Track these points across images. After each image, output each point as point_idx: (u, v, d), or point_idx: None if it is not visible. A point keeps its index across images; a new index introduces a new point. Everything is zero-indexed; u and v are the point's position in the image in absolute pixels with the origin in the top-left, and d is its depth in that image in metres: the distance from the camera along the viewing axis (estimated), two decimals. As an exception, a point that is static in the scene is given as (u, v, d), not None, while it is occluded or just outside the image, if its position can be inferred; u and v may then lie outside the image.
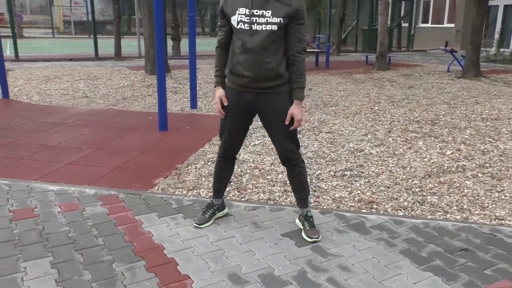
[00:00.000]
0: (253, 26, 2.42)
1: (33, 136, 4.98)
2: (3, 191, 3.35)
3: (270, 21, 2.40)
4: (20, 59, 13.99)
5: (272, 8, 2.39)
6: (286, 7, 2.39)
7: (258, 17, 2.41)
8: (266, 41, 2.41)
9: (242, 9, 2.43)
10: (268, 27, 2.40)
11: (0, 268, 2.32)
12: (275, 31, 2.41)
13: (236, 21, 2.45)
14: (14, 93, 7.71)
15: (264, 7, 2.40)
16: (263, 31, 2.41)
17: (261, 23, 2.41)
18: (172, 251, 2.54)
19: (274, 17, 2.39)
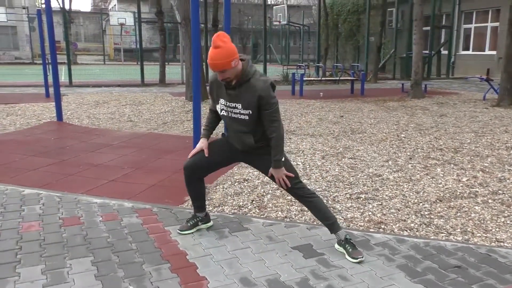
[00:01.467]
0: (231, 114, 2.97)
1: (82, 155, 5.56)
2: (55, 202, 3.87)
3: (242, 112, 2.91)
4: (73, 84, 15.10)
5: (242, 101, 2.88)
6: (254, 98, 2.84)
7: (233, 108, 2.93)
8: (243, 126, 2.95)
9: (222, 100, 2.99)
10: (241, 116, 2.92)
11: (51, 264, 2.78)
12: (247, 120, 2.91)
13: (219, 108, 3.03)
14: (67, 116, 8.48)
15: (236, 100, 2.91)
16: (238, 119, 2.94)
17: (236, 113, 2.93)
18: (193, 257, 2.93)
19: (244, 109, 2.89)
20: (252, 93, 2.84)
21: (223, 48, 2.75)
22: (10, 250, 2.96)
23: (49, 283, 2.56)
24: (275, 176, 2.99)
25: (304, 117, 8.92)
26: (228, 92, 2.93)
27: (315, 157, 5.59)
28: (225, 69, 2.78)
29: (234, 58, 2.78)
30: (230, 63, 2.76)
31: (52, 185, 4.35)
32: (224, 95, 2.96)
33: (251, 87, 2.85)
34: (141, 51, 16.77)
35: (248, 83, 2.86)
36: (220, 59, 2.74)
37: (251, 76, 2.87)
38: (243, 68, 2.86)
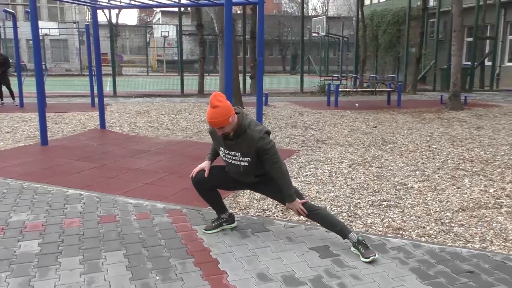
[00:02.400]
0: (232, 161, 3.28)
1: (121, 160, 5.94)
2: (94, 202, 4.21)
3: (241, 160, 3.20)
4: (117, 95, 15.83)
5: (240, 151, 3.18)
6: (251, 148, 3.13)
7: (233, 156, 3.25)
8: (243, 170, 3.26)
9: (222, 148, 3.29)
10: (242, 163, 3.23)
11: (88, 255, 3.08)
12: (247, 165, 3.23)
13: (221, 154, 3.34)
14: (109, 124, 8.98)
15: (235, 149, 3.20)
16: (239, 165, 3.25)
17: (236, 160, 3.24)
18: (216, 253, 3.15)
19: (243, 157, 3.19)
20: (248, 143, 3.16)
21: (220, 108, 3.03)
22: (53, 242, 3.29)
23: (85, 272, 2.85)
24: (293, 209, 3.27)
25: (337, 127, 9.03)
26: (226, 142, 3.22)
27: (342, 165, 5.72)
28: (224, 125, 3.07)
29: (231, 115, 3.07)
30: (228, 119, 3.05)
31: (93, 187, 4.70)
32: (223, 144, 3.26)
33: (248, 138, 3.15)
34: (181, 62, 17.37)
35: (245, 134, 3.14)
36: (218, 117, 3.03)
37: (247, 127, 3.15)
38: (238, 121, 3.14)
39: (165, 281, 2.75)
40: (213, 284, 2.72)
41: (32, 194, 4.39)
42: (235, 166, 3.29)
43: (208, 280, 2.77)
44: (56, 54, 37.95)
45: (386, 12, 27.35)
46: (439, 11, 21.14)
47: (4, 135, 7.71)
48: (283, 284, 2.74)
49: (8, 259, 3.00)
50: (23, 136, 7.64)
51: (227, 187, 3.59)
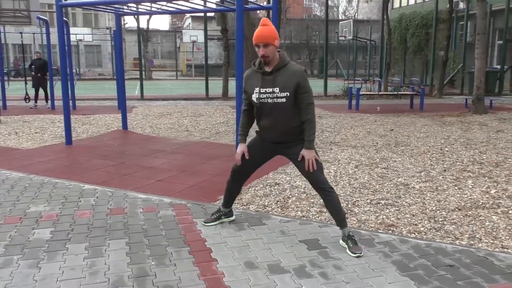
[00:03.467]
0: (267, 100, 3.26)
1: (138, 159, 6.26)
2: (107, 196, 4.51)
3: (279, 96, 3.22)
4: (144, 98, 16.34)
5: (279, 85, 3.21)
6: (291, 81, 3.19)
7: (270, 93, 3.25)
8: (279, 110, 3.25)
9: (257, 89, 3.29)
10: (279, 100, 3.23)
11: (94, 242, 3.36)
12: (284, 102, 3.23)
13: (255, 97, 3.31)
14: (132, 126, 9.38)
15: (273, 85, 3.22)
16: (276, 103, 3.24)
17: (273, 98, 3.24)
18: (211, 243, 3.37)
19: (281, 92, 3.22)
20: (289, 76, 3.19)
21: (270, 27, 3.19)
22: (64, 230, 3.59)
23: (89, 256, 3.13)
24: (306, 157, 3.23)
25: (353, 130, 9.12)
26: (265, 78, 3.25)
27: (348, 166, 5.85)
28: (269, 43, 3.13)
29: (277, 39, 3.18)
30: (274, 40, 3.15)
31: (108, 183, 5.02)
32: (260, 82, 3.26)
33: (289, 71, 3.20)
34: (206, 66, 17.77)
35: (285, 68, 3.22)
36: (268, 32, 3.14)
37: (287, 62, 3.25)
38: (281, 56, 3.25)
39: (159, 266, 2.99)
40: (202, 270, 2.95)
41: (51, 188, 4.73)
42: (270, 106, 3.25)
43: (198, 266, 3.00)
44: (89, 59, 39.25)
45: (414, 15, 27.06)
46: (467, 14, 20.79)
47: (34, 135, 8.19)
48: (267, 271, 2.93)
49: (21, 244, 3.32)
50: (50, 136, 8.10)
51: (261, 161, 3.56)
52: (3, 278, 2.81)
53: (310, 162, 3.25)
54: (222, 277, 2.85)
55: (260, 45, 3.17)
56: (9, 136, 8.11)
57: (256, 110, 3.40)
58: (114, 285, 2.74)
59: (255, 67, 3.35)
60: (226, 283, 2.77)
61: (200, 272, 2.91)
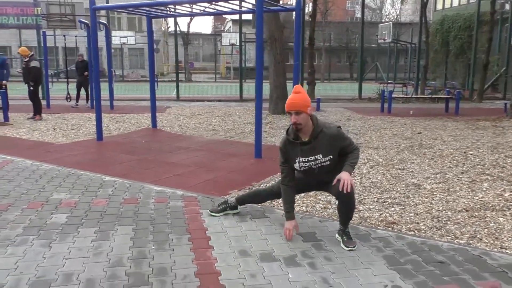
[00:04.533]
0: (312, 166, 3.32)
1: (161, 155, 6.53)
2: (124, 187, 4.78)
3: (323, 161, 3.28)
4: (180, 99, 16.80)
5: (321, 151, 3.25)
6: (333, 145, 3.24)
7: (313, 161, 3.30)
8: (325, 171, 3.33)
9: (298, 158, 3.31)
10: (324, 164, 3.29)
11: (103, 227, 3.60)
12: (330, 164, 3.30)
13: (298, 166, 3.34)
14: (162, 124, 9.73)
15: (314, 153, 3.26)
16: (321, 167, 3.30)
17: (317, 164, 3.29)
18: (212, 232, 3.54)
19: (324, 157, 3.27)
20: (330, 142, 3.24)
21: (303, 94, 3.25)
22: (79, 216, 3.87)
23: (96, 239, 3.37)
24: (344, 178, 3.13)
25: (380, 132, 9.07)
26: (303, 148, 3.27)
27: (364, 166, 5.88)
28: (302, 111, 3.17)
29: (309, 107, 3.21)
30: (307, 108, 3.19)
31: (128, 175, 5.29)
32: (300, 152, 3.29)
33: (327, 136, 3.23)
34: (240, 69, 18.08)
35: (322, 133, 3.24)
36: (300, 100, 3.18)
37: (323, 126, 3.26)
38: (313, 122, 3.26)
39: (158, 250, 3.19)
40: (197, 255, 3.12)
41: (75, 179, 5.06)
42: (316, 170, 3.32)
43: (195, 252, 3.17)
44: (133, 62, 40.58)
45: (457, 17, 26.35)
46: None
47: (69, 132, 8.67)
48: (258, 259, 3.07)
49: (38, 226, 3.61)
50: (84, 133, 8.55)
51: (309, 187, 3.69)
52: (16, 254, 3.08)
53: (345, 184, 3.12)
54: (214, 262, 3.01)
55: (292, 113, 3.20)
56: (47, 132, 8.62)
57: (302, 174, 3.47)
58: (113, 264, 2.95)
59: (290, 136, 3.34)
60: (217, 268, 2.93)
61: (194, 257, 3.08)
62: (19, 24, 16.21)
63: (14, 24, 16.12)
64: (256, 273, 2.87)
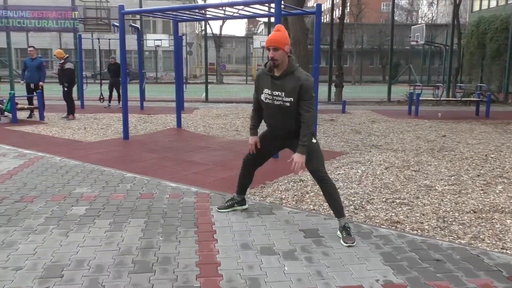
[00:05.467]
0: (274, 102, 3.55)
1: (181, 154, 6.77)
2: (143, 183, 5.02)
3: (284, 100, 3.49)
4: (209, 100, 17.12)
5: (285, 90, 3.47)
6: (296, 87, 3.41)
7: (276, 96, 3.52)
8: (284, 112, 3.52)
9: (266, 90, 3.57)
10: (284, 103, 3.49)
11: (118, 219, 3.84)
12: (289, 106, 3.49)
13: (264, 97, 3.61)
14: (187, 125, 10.01)
15: (280, 89, 3.49)
16: (281, 106, 3.52)
17: (279, 100, 3.51)
18: (218, 226, 3.71)
19: (286, 97, 3.48)
20: (295, 83, 3.42)
21: (283, 32, 3.47)
22: (97, 209, 4.12)
23: (110, 230, 3.60)
24: (295, 160, 3.45)
25: (402, 134, 9.03)
26: (274, 82, 3.50)
27: (379, 167, 5.92)
28: (279, 47, 3.37)
29: (287, 45, 3.42)
30: (284, 45, 3.40)
31: (147, 172, 5.54)
32: (269, 85, 3.53)
33: (295, 78, 3.43)
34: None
35: (292, 74, 3.44)
36: (279, 37, 3.41)
37: (295, 69, 3.49)
38: (289, 62, 3.48)
39: (165, 241, 3.39)
40: (201, 247, 3.29)
41: (97, 175, 5.35)
42: (276, 108, 3.52)
43: (199, 244, 3.35)
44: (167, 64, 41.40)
45: (494, 19, 25.57)
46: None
47: (99, 131, 9.06)
48: (258, 252, 3.21)
49: (59, 217, 3.88)
50: (112, 132, 8.92)
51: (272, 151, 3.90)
52: (36, 242, 3.35)
53: (296, 166, 3.45)
54: (216, 254, 3.18)
55: (270, 48, 3.44)
56: (78, 130, 9.04)
57: (264, 108, 3.70)
58: (122, 253, 3.17)
59: (266, 69, 3.61)
60: (217, 259, 3.10)
61: (198, 249, 3.26)
62: (58, 28, 16.97)
63: (54, 28, 16.89)
64: (254, 265, 3.01)
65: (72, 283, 2.72)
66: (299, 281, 2.80)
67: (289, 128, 3.60)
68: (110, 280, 2.77)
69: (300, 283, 2.78)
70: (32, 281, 2.75)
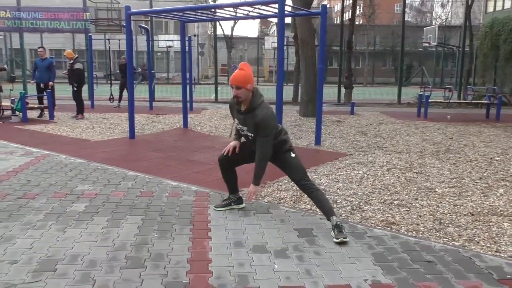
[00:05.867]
0: (243, 132, 3.86)
1: (185, 153, 6.84)
2: (144, 181, 5.09)
3: (248, 134, 3.77)
4: (218, 101, 17.21)
5: (247, 125, 3.73)
6: (255, 125, 3.63)
7: (241, 128, 3.83)
8: (250, 142, 3.82)
9: (236, 120, 3.88)
10: (249, 136, 3.79)
11: (116, 216, 3.90)
12: (252, 139, 3.77)
13: (236, 123, 3.90)
14: (194, 125, 10.08)
15: (244, 124, 3.76)
16: (247, 136, 3.83)
17: (244, 131, 3.81)
18: (214, 224, 3.76)
19: (248, 132, 3.73)
20: (253, 120, 3.65)
21: (246, 72, 3.66)
22: (96, 206, 4.19)
23: (106, 226, 3.67)
24: (249, 189, 3.83)
25: (409, 136, 8.99)
26: (239, 116, 3.79)
27: (381, 169, 5.90)
28: (241, 86, 3.60)
29: (250, 83, 3.64)
30: (247, 84, 3.61)
31: (150, 171, 5.61)
32: (237, 117, 3.83)
33: (254, 115, 3.65)
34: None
35: (253, 111, 3.67)
36: (241, 77, 3.62)
37: (257, 106, 3.66)
38: (252, 97, 3.68)
39: (159, 238, 3.44)
40: (194, 244, 3.34)
41: (100, 173, 5.43)
42: (245, 136, 3.86)
43: (193, 241, 3.39)
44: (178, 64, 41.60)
45: (508, 20, 25.23)
46: None
47: (106, 130, 9.18)
48: (250, 250, 3.25)
49: (59, 213, 3.96)
50: (120, 131, 9.03)
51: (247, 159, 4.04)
52: (34, 237, 3.42)
53: (250, 195, 3.84)
54: (208, 251, 3.22)
55: (233, 87, 3.64)
56: (86, 129, 9.17)
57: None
58: (116, 249, 3.23)
59: (234, 100, 3.77)
60: (209, 256, 3.14)
61: (191, 246, 3.30)
62: (70, 29, 17.19)
63: (66, 29, 17.11)
64: (245, 263, 3.05)
65: (64, 277, 2.79)
66: (287, 279, 2.83)
67: None
68: (102, 275, 2.83)
69: (288, 281, 2.81)
70: (26, 274, 2.82)
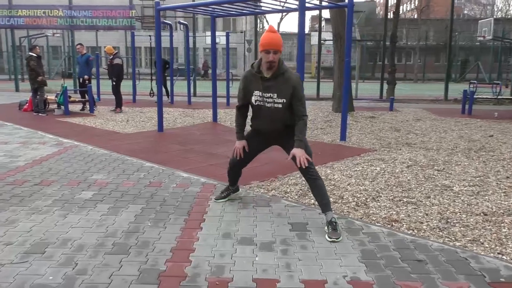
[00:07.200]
0: (265, 104, 3.53)
1: (207, 146, 6.91)
2: (157, 172, 5.19)
3: (277, 101, 3.48)
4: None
5: (277, 91, 3.46)
6: (289, 88, 3.40)
7: (268, 97, 3.50)
8: (276, 113, 3.53)
9: (257, 92, 3.54)
10: (276, 105, 3.49)
11: (118, 204, 4.01)
12: (280, 107, 3.49)
13: (254, 99, 3.58)
14: (225, 119, 10.18)
15: (272, 91, 3.47)
16: (272, 107, 3.50)
17: (270, 102, 3.50)
18: (210, 215, 3.78)
19: (279, 98, 3.46)
20: (287, 84, 3.45)
21: (277, 34, 3.44)
22: (103, 194, 4.33)
23: (107, 214, 3.78)
24: (297, 155, 3.45)
25: (445, 133, 8.60)
26: (265, 84, 3.48)
27: (401, 165, 5.68)
28: (279, 49, 3.38)
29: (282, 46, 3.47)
30: (281, 47, 3.42)
31: (166, 163, 5.72)
32: (260, 87, 3.51)
33: (287, 79, 3.45)
34: (318, 68, 18.03)
35: (283, 76, 3.46)
36: (279, 40, 3.40)
37: (285, 70, 3.49)
38: (280, 62, 3.47)
39: (152, 227, 3.50)
40: (184, 233, 3.37)
41: (118, 163, 5.60)
42: (267, 110, 3.52)
43: (183, 231, 3.43)
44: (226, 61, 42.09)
45: None
46: None
47: (139, 123, 9.46)
48: (236, 242, 3.23)
49: (66, 200, 4.13)
50: (151, 125, 9.26)
51: (258, 151, 3.97)
52: (35, 221, 3.59)
53: (301, 160, 3.44)
54: (194, 241, 3.24)
55: (270, 51, 3.37)
56: (120, 122, 9.49)
57: (253, 110, 3.69)
58: (107, 235, 3.32)
59: (254, 69, 3.55)
60: (193, 246, 3.16)
61: (180, 235, 3.34)
62: (117, 26, 17.86)
63: (114, 26, 17.80)
64: (226, 254, 3.04)
65: (49, 259, 2.90)
66: (263, 272, 2.79)
67: (279, 129, 3.64)
68: (85, 259, 2.92)
69: (264, 273, 2.78)
70: (16, 255, 2.96)
